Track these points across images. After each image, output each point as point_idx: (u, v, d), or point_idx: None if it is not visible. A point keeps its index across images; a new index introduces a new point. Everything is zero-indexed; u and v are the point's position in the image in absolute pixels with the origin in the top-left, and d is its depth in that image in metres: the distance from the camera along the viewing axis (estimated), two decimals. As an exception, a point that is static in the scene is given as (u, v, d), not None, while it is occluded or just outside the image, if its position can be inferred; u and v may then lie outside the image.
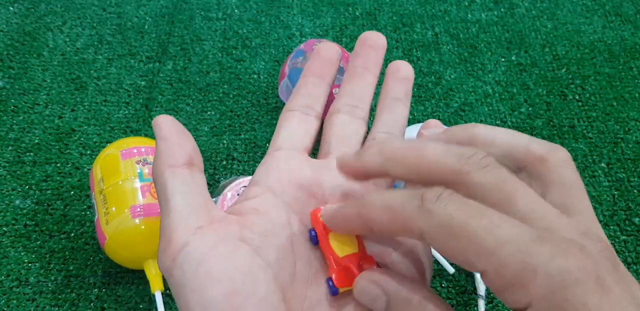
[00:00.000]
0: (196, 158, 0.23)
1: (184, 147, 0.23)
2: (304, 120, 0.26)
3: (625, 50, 0.77)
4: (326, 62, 0.27)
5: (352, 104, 0.27)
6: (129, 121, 0.66)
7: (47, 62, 0.72)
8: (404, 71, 0.28)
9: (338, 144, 0.26)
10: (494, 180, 0.18)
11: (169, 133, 0.23)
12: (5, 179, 0.60)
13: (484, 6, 0.82)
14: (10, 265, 0.55)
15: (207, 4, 0.80)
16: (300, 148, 0.25)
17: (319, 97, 0.27)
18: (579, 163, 0.65)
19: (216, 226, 0.21)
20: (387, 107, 0.28)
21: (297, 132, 0.26)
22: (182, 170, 0.22)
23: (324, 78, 0.27)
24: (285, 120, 0.26)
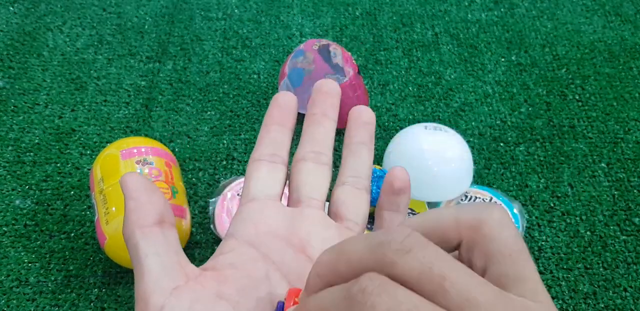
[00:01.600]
0: (167, 214, 0.23)
1: (153, 205, 0.22)
2: (272, 168, 0.26)
3: (625, 50, 0.77)
4: (285, 109, 0.28)
5: (316, 151, 0.28)
6: (129, 121, 0.66)
7: (47, 62, 0.72)
8: (365, 116, 0.29)
9: (307, 192, 0.26)
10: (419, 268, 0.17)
11: (137, 192, 0.23)
12: (5, 179, 0.60)
13: (484, 6, 0.82)
14: (10, 265, 0.55)
15: (207, 4, 0.80)
16: (273, 196, 0.25)
17: (283, 143, 0.27)
18: (579, 163, 0.65)
19: (192, 284, 0.21)
20: (352, 152, 0.28)
21: (267, 181, 0.26)
22: (153, 230, 0.22)
23: (286, 125, 0.28)
24: (254, 171, 0.26)
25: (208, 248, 0.57)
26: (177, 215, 0.51)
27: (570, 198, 0.62)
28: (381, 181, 0.55)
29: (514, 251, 0.19)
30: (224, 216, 0.57)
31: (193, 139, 0.65)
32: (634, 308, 0.55)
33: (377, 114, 0.69)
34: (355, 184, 0.27)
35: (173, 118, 0.67)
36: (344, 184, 0.27)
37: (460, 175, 0.57)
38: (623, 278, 0.56)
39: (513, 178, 0.63)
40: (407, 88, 0.72)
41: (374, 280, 0.16)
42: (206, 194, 0.61)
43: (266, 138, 0.27)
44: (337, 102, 0.29)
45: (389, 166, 0.59)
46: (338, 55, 0.62)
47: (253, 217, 0.24)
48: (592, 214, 0.61)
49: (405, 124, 0.68)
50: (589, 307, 0.54)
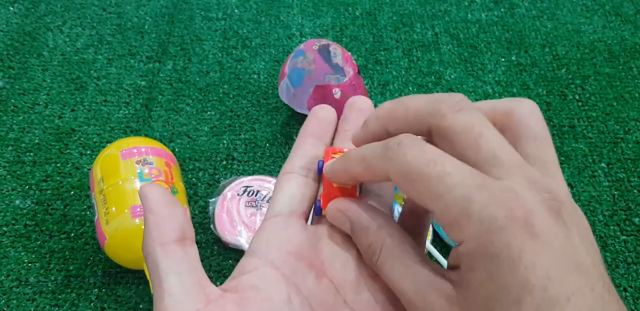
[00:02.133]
0: (188, 230, 0.22)
1: (174, 220, 0.22)
2: (302, 183, 0.26)
3: (625, 50, 0.77)
4: (323, 122, 0.27)
5: None
6: (129, 121, 0.66)
7: (47, 62, 0.72)
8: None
9: None
10: (464, 124, 0.20)
11: (158, 206, 0.22)
12: (5, 179, 0.60)
13: (484, 6, 0.82)
14: (10, 265, 0.55)
15: (207, 4, 0.80)
16: (298, 213, 0.25)
17: (317, 158, 0.27)
18: (579, 163, 0.65)
19: (212, 308, 0.20)
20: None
21: (294, 195, 0.25)
22: (174, 248, 0.21)
23: (322, 139, 0.27)
24: (283, 183, 0.26)
25: (208, 248, 0.57)
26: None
27: (570, 198, 0.62)
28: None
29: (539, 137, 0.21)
30: (224, 216, 0.57)
31: (193, 139, 0.65)
32: (634, 308, 0.55)
33: (377, 114, 0.69)
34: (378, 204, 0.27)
35: (173, 118, 0.67)
36: None
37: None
38: (623, 278, 0.56)
39: (513, 178, 0.63)
40: (407, 88, 0.72)
41: (410, 137, 0.20)
42: (206, 194, 0.61)
43: (300, 150, 0.27)
44: None
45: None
46: (338, 55, 0.62)
47: (276, 234, 0.24)
48: (592, 214, 0.61)
49: (405, 124, 0.68)
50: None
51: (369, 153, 0.21)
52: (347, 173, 0.22)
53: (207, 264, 0.56)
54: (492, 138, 0.19)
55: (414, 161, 0.19)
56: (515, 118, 0.22)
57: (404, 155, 0.19)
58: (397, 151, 0.19)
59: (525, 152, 0.21)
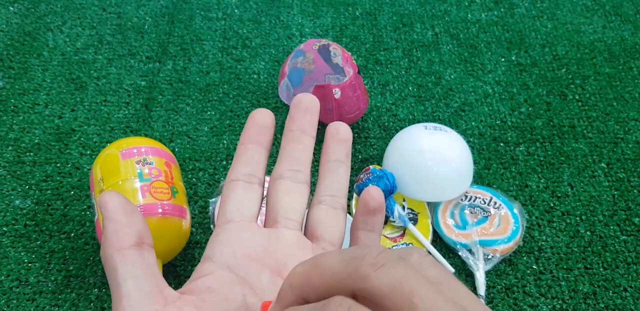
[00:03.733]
0: (146, 235, 0.23)
1: (132, 226, 0.22)
2: (248, 188, 0.26)
3: (625, 50, 0.77)
4: (262, 128, 0.28)
5: (293, 169, 0.27)
6: (129, 121, 0.66)
7: (47, 62, 0.72)
8: (343, 133, 0.29)
9: (284, 212, 0.26)
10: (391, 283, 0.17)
11: (116, 213, 0.22)
12: (5, 179, 0.60)
13: (484, 6, 0.82)
14: (10, 265, 0.55)
15: (207, 4, 0.80)
16: (249, 217, 0.25)
17: (260, 163, 0.27)
18: (579, 163, 0.65)
19: (170, 309, 0.21)
20: (329, 170, 0.28)
21: (243, 202, 0.26)
22: (131, 252, 0.22)
23: (262, 143, 0.27)
24: (230, 191, 0.26)
25: (208, 248, 0.57)
26: (177, 215, 0.51)
27: (570, 198, 0.62)
28: (381, 181, 0.55)
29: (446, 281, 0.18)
30: (224, 216, 0.57)
31: (193, 139, 0.65)
32: (634, 308, 0.55)
33: (377, 114, 0.69)
34: (332, 203, 0.27)
35: (173, 118, 0.67)
36: (321, 203, 0.27)
37: (460, 175, 0.57)
38: (623, 278, 0.56)
39: (513, 178, 0.63)
40: (407, 88, 0.72)
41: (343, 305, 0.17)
42: (206, 194, 0.61)
43: (242, 157, 0.27)
44: (316, 117, 0.29)
45: (389, 166, 0.59)
46: (338, 55, 0.62)
47: (230, 239, 0.24)
48: (592, 214, 0.61)
49: (405, 124, 0.68)
50: (589, 307, 0.54)
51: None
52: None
53: (207, 264, 0.56)
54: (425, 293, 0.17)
55: None
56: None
57: None
58: None
59: None
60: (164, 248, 0.50)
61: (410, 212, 0.59)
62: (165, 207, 0.50)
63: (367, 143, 0.66)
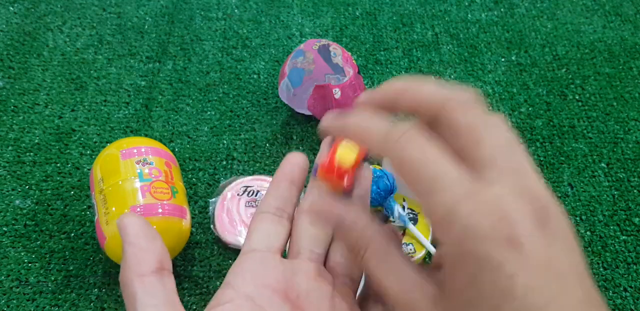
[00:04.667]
0: (165, 260, 0.23)
1: (152, 252, 0.22)
2: (276, 221, 0.26)
3: (625, 50, 0.77)
4: (296, 168, 0.28)
5: None
6: (129, 121, 0.66)
7: (47, 62, 0.72)
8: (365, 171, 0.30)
9: (308, 244, 0.26)
10: (470, 121, 0.20)
11: (136, 237, 0.22)
12: (5, 179, 0.60)
13: (484, 6, 0.82)
14: (10, 265, 0.55)
15: (207, 4, 0.80)
16: (273, 249, 0.25)
17: (291, 200, 0.27)
18: (579, 163, 0.65)
19: None
20: None
21: (270, 233, 0.26)
22: (152, 279, 0.22)
23: (295, 182, 0.28)
24: (258, 222, 0.26)
25: (208, 248, 0.57)
26: (177, 215, 0.51)
27: (570, 198, 0.62)
28: (381, 181, 0.55)
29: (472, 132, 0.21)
30: (224, 216, 0.57)
31: (193, 139, 0.65)
32: (634, 308, 0.55)
33: (377, 114, 0.69)
34: None
35: (173, 118, 0.67)
36: None
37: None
38: (623, 278, 0.56)
39: (513, 178, 0.63)
40: (407, 88, 0.72)
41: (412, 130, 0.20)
42: (206, 194, 0.61)
43: (274, 191, 0.27)
44: None
45: (389, 166, 0.59)
46: (338, 55, 0.62)
47: (252, 268, 0.24)
48: (592, 214, 0.61)
49: (405, 124, 0.68)
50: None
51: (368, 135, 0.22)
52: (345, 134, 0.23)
53: (207, 264, 0.56)
54: (492, 141, 0.20)
55: (409, 159, 0.20)
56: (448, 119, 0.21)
57: (401, 151, 0.20)
58: (396, 145, 0.20)
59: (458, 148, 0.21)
60: None
61: (411, 212, 0.59)
62: (165, 207, 0.50)
63: (367, 143, 0.66)
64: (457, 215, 0.18)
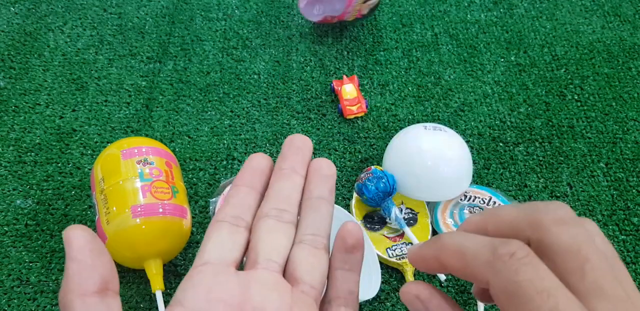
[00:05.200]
0: (111, 280, 0.21)
1: (98, 269, 0.21)
2: (233, 231, 0.25)
3: (624, 50, 0.77)
4: (257, 171, 0.27)
5: (279, 208, 0.26)
6: (129, 121, 0.67)
7: (48, 62, 0.72)
8: (327, 168, 0.28)
9: (266, 253, 0.25)
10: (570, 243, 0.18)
11: (81, 253, 0.21)
12: (6, 179, 0.61)
13: (484, 7, 0.82)
14: (12, 264, 0.55)
15: (208, 4, 0.81)
16: (229, 261, 0.24)
17: (250, 208, 0.26)
18: (578, 163, 0.65)
19: None
20: (312, 207, 0.27)
21: (225, 244, 0.25)
22: (94, 300, 0.20)
23: (255, 187, 0.27)
24: (213, 231, 0.25)
25: (208, 248, 0.57)
26: (178, 215, 0.51)
27: (569, 198, 0.62)
28: (380, 182, 0.56)
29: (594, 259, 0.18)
30: (224, 216, 0.57)
31: (193, 139, 0.65)
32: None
33: (377, 114, 0.69)
34: (314, 243, 0.26)
35: (173, 119, 0.67)
36: (302, 243, 0.26)
37: (460, 175, 0.57)
38: (622, 277, 0.57)
39: (512, 178, 0.64)
40: (406, 88, 0.72)
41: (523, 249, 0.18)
42: (206, 194, 0.61)
43: (233, 199, 0.26)
44: (309, 157, 0.29)
45: (388, 166, 0.59)
46: None
47: (204, 282, 0.23)
48: (590, 214, 0.61)
49: (405, 124, 0.68)
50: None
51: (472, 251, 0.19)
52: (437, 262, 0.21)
53: (208, 263, 0.56)
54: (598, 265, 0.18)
55: (525, 285, 0.17)
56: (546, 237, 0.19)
57: (515, 273, 0.18)
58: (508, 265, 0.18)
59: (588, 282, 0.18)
60: (164, 248, 0.50)
61: (410, 212, 0.59)
62: (166, 207, 0.50)
63: (367, 143, 0.66)
64: None
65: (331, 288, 0.26)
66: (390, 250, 0.56)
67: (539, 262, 0.18)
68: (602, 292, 0.17)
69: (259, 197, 0.27)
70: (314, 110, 0.69)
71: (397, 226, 0.57)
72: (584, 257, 0.18)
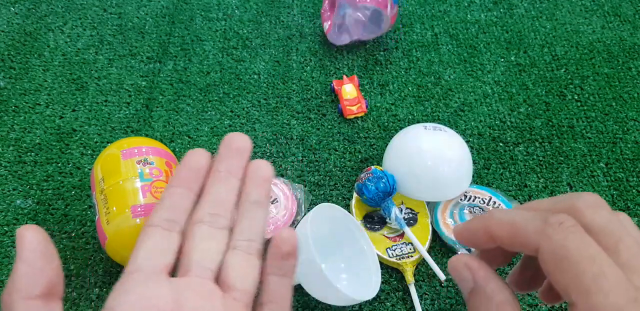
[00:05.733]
0: (57, 286, 0.21)
1: (46, 274, 0.20)
2: (166, 236, 0.25)
3: (624, 50, 0.77)
4: (194, 171, 0.26)
5: (214, 213, 0.26)
6: (129, 121, 0.67)
7: (48, 62, 0.72)
8: (264, 172, 0.28)
9: (198, 259, 0.25)
10: (604, 224, 0.20)
11: (32, 255, 0.20)
12: (6, 179, 0.61)
13: (484, 7, 0.82)
14: (12, 264, 0.55)
15: (208, 4, 0.81)
16: (161, 267, 0.24)
17: (184, 211, 0.26)
18: (578, 163, 0.65)
19: None
20: (248, 212, 0.27)
21: (157, 250, 0.24)
22: (37, 303, 0.20)
23: (192, 188, 0.26)
24: (146, 236, 0.25)
25: (208, 248, 0.57)
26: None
27: (569, 198, 0.62)
28: (380, 182, 0.56)
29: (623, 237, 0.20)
30: (224, 216, 0.57)
31: (193, 139, 0.66)
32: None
33: (377, 114, 0.69)
34: (247, 249, 0.26)
35: (174, 119, 0.67)
36: (235, 249, 0.26)
37: (460, 175, 0.57)
38: (622, 277, 0.57)
39: (512, 178, 0.64)
40: (406, 88, 0.72)
41: (571, 220, 0.20)
42: (206, 194, 0.61)
43: (167, 201, 0.26)
44: (247, 159, 0.28)
45: (388, 166, 0.59)
46: None
47: (137, 289, 0.23)
48: (591, 214, 0.61)
49: (405, 124, 0.68)
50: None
51: (523, 221, 0.21)
52: (486, 233, 0.22)
53: (208, 263, 0.56)
54: (630, 245, 0.19)
55: (573, 250, 0.19)
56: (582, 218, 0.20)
57: (564, 239, 0.19)
58: (558, 231, 0.19)
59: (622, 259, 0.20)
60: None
61: (410, 212, 0.59)
62: (166, 207, 0.50)
63: (366, 143, 0.66)
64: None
65: (264, 292, 0.26)
66: (390, 250, 0.56)
67: (585, 232, 0.19)
68: (636, 269, 0.19)
69: (195, 198, 0.26)
70: (314, 110, 0.69)
71: (397, 226, 0.57)
72: (617, 237, 0.19)
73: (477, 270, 0.22)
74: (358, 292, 0.50)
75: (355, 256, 0.55)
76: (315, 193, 0.61)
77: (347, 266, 0.55)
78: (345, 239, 0.55)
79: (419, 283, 0.55)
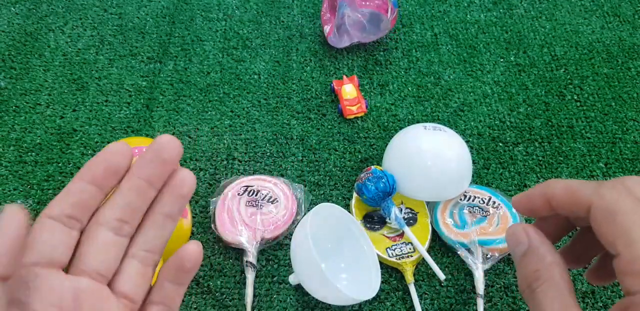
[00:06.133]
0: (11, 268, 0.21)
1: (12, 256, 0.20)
2: (67, 233, 0.24)
3: (624, 50, 0.77)
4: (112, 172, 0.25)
5: (122, 219, 0.25)
6: (130, 121, 0.67)
7: (48, 62, 0.72)
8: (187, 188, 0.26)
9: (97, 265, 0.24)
10: None
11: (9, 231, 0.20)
12: (7, 179, 0.61)
13: (483, 7, 0.82)
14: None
15: (208, 4, 0.81)
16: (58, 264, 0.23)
17: (91, 210, 0.24)
18: (578, 163, 0.66)
19: None
20: (156, 223, 0.26)
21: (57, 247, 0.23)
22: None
23: (103, 186, 0.24)
24: (45, 230, 0.23)
25: (208, 248, 0.57)
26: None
27: (569, 197, 0.63)
28: (380, 182, 0.56)
29: None
30: (225, 215, 0.57)
31: (194, 139, 0.66)
32: (632, 306, 0.55)
33: (377, 114, 0.69)
34: (145, 260, 0.26)
35: (174, 119, 0.67)
36: (133, 258, 0.26)
37: (460, 175, 0.57)
38: (621, 277, 0.57)
39: (512, 178, 0.64)
40: (406, 88, 0.72)
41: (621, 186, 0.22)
42: (207, 194, 0.61)
43: (75, 197, 0.24)
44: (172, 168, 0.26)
45: (388, 166, 0.59)
46: None
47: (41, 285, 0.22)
48: (590, 214, 0.61)
49: (405, 124, 0.68)
50: (587, 306, 0.55)
51: (579, 185, 0.23)
52: (543, 199, 0.25)
53: (208, 263, 0.56)
54: None
55: (623, 206, 0.21)
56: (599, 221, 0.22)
57: (616, 198, 0.21)
58: (611, 191, 0.22)
59: None
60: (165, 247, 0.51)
61: (410, 212, 0.59)
62: (167, 207, 0.50)
63: (366, 143, 0.66)
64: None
65: (156, 293, 0.26)
66: (390, 249, 0.56)
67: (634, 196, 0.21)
68: None
69: (104, 196, 0.25)
70: (314, 110, 0.69)
71: (397, 226, 0.57)
72: None
73: (534, 234, 0.25)
74: (358, 292, 0.50)
75: (355, 256, 0.55)
76: (315, 193, 0.62)
77: (347, 266, 0.55)
78: (345, 239, 0.55)
79: (418, 283, 0.56)
